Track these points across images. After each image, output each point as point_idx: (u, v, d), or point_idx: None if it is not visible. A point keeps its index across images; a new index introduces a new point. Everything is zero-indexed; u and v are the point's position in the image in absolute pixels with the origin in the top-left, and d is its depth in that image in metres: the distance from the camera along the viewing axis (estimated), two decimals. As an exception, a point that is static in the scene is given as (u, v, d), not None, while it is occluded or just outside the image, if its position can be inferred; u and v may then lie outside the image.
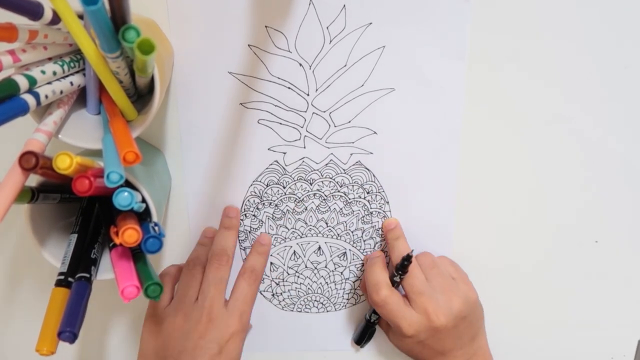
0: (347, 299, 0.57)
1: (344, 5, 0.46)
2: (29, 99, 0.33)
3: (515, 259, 0.55)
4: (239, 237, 0.54)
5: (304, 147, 0.51)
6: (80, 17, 0.35)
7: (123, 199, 0.34)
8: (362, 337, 0.56)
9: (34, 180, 0.39)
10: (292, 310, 0.57)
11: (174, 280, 0.52)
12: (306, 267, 0.55)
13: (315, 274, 0.56)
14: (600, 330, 0.57)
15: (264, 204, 0.53)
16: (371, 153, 0.51)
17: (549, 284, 0.56)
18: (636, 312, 0.57)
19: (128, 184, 0.41)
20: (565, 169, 0.52)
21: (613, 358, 0.58)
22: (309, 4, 0.46)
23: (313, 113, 0.50)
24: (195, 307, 0.48)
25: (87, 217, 0.44)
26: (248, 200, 0.53)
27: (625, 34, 0.48)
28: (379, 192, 0.53)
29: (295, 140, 0.51)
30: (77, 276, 0.39)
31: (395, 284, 0.50)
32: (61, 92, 0.37)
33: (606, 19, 0.47)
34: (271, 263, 0.55)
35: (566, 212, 0.53)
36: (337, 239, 0.54)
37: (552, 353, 0.59)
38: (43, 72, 0.35)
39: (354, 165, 0.52)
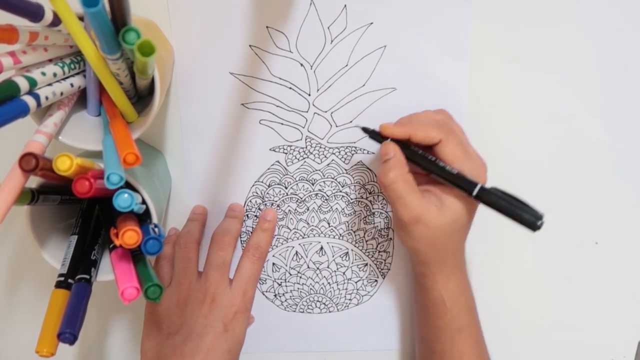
0: (350, 300, 0.56)
1: (345, 5, 0.46)
2: (29, 101, 0.33)
3: (516, 260, 0.55)
4: (240, 237, 0.54)
5: (306, 147, 0.51)
6: (81, 18, 0.35)
7: (123, 201, 0.34)
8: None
9: (34, 181, 0.39)
10: (294, 311, 0.57)
11: (172, 259, 0.51)
12: (308, 267, 0.55)
13: (317, 275, 0.55)
14: (601, 332, 0.57)
15: (265, 204, 0.53)
16: (373, 153, 0.51)
17: (549, 285, 0.56)
18: (636, 314, 0.57)
19: (128, 186, 0.41)
20: (566, 169, 0.52)
21: (613, 359, 0.58)
22: (310, 4, 0.46)
23: (314, 113, 0.50)
24: (197, 288, 0.48)
25: (87, 219, 0.44)
26: (250, 201, 0.53)
27: (626, 34, 0.48)
28: (381, 193, 0.53)
29: (297, 140, 0.51)
30: (77, 277, 0.39)
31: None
32: (61, 94, 0.37)
33: (607, 19, 0.47)
34: (273, 264, 0.55)
35: (566, 213, 0.53)
36: (339, 239, 0.54)
37: (552, 354, 0.58)
38: (43, 73, 0.35)
39: (355, 165, 0.52)
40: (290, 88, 0.49)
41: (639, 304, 0.56)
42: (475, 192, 0.39)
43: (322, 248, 0.55)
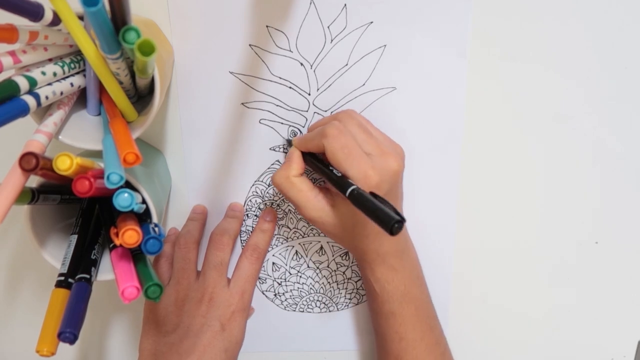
0: (350, 299, 0.56)
1: (345, 5, 0.46)
2: (29, 100, 0.33)
3: (516, 259, 0.55)
4: (241, 237, 0.54)
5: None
6: (81, 18, 0.35)
7: (123, 200, 0.34)
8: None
9: (34, 181, 0.39)
10: (294, 311, 0.57)
11: (171, 258, 0.51)
12: (308, 266, 0.55)
13: (317, 274, 0.55)
14: (601, 331, 0.57)
15: (265, 204, 0.53)
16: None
17: (549, 284, 0.56)
18: (636, 313, 0.57)
19: (128, 185, 0.41)
20: (566, 169, 0.52)
21: (613, 359, 0.58)
22: (310, 4, 0.46)
23: (314, 113, 0.50)
24: (196, 288, 0.48)
25: (87, 218, 0.44)
26: (250, 201, 0.53)
27: (627, 33, 0.48)
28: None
29: (297, 140, 0.51)
30: (77, 277, 0.39)
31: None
32: (61, 93, 0.37)
33: (608, 18, 0.47)
34: (273, 263, 0.55)
35: (566, 212, 0.53)
36: (338, 238, 0.54)
37: (552, 353, 0.58)
38: (43, 73, 0.35)
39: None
40: (290, 87, 0.49)
41: (639, 304, 0.56)
42: (347, 194, 0.40)
43: (322, 247, 0.55)
